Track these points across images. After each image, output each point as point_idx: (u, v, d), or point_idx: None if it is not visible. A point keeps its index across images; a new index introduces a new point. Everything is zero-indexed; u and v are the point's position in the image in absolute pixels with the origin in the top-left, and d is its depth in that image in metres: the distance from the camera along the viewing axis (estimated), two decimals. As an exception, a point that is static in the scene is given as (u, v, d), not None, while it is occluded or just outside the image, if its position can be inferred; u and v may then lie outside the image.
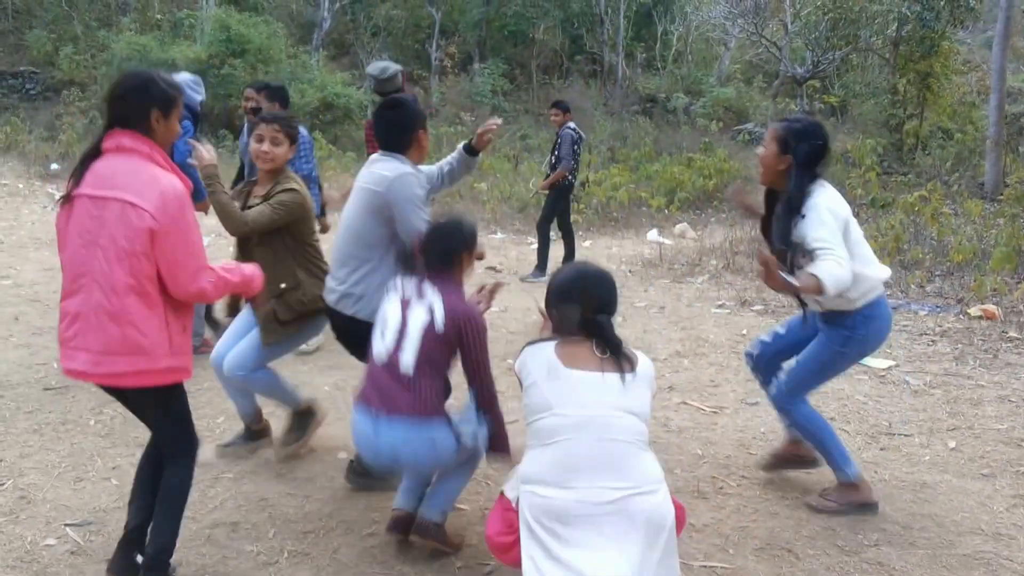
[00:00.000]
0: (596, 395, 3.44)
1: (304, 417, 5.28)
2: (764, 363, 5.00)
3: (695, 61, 30.77)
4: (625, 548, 3.26)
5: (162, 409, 3.71)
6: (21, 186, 17.04)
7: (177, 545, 4.02)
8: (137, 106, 3.52)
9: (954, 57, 22.26)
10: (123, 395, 3.69)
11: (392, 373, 3.89)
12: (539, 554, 3.32)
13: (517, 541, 3.40)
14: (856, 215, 12.57)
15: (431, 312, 3.92)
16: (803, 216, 4.28)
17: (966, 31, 25.70)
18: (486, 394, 4.05)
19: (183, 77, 7.37)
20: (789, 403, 4.73)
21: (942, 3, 19.93)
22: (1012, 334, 8.11)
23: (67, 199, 3.51)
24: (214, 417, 5.90)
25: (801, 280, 4.06)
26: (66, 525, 4.41)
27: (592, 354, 3.52)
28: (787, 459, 5.10)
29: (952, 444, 5.69)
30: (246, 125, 7.80)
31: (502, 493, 3.60)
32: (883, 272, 4.56)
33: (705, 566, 4.12)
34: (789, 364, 4.84)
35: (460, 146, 5.09)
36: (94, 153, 3.55)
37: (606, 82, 28.37)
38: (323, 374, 6.79)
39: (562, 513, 3.32)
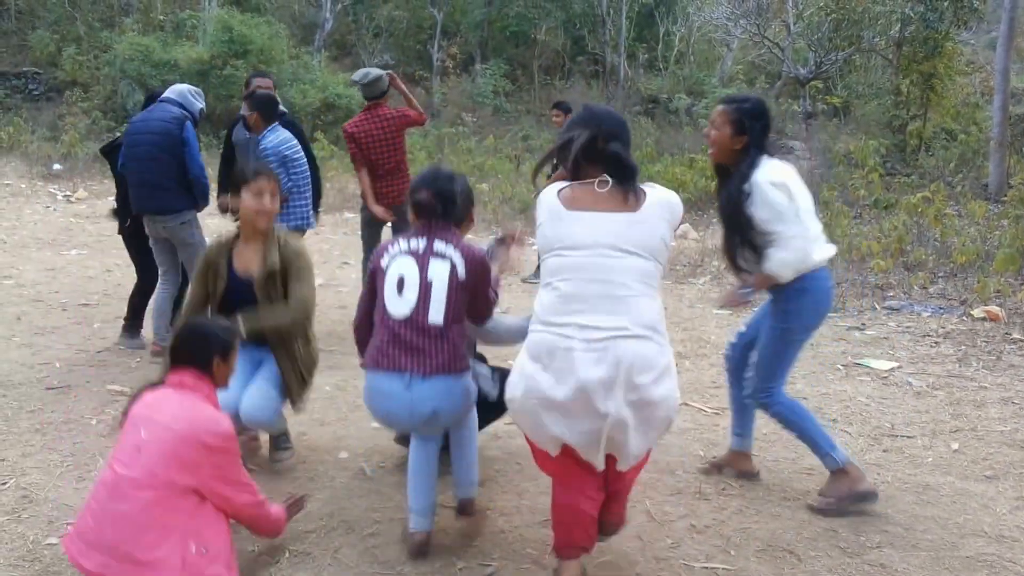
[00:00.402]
0: (594, 235, 3.48)
1: (286, 432, 5.25)
2: (735, 363, 5.11)
3: (697, 62, 30.74)
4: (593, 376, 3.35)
5: None
6: (24, 186, 17.07)
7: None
8: (204, 352, 3.83)
9: (958, 58, 22.21)
10: None
11: (419, 329, 3.96)
12: (515, 376, 3.57)
13: None
14: (859, 216, 12.56)
15: (452, 265, 4.02)
16: (748, 195, 4.47)
17: (970, 32, 25.65)
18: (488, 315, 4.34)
19: (184, 88, 7.38)
20: (767, 397, 4.77)
21: (946, 4, 19.89)
22: (1016, 336, 8.11)
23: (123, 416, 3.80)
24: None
25: (756, 283, 4.64)
26: (68, 524, 4.40)
27: (594, 194, 3.56)
28: (725, 468, 5.19)
29: (955, 446, 5.68)
30: (241, 121, 7.78)
31: None
32: (821, 252, 4.62)
33: (707, 567, 4.11)
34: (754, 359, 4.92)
35: None
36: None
37: (608, 83, 28.35)
38: (322, 375, 6.77)
39: (549, 347, 3.44)
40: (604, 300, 3.41)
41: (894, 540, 4.40)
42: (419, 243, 4.06)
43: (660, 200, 3.60)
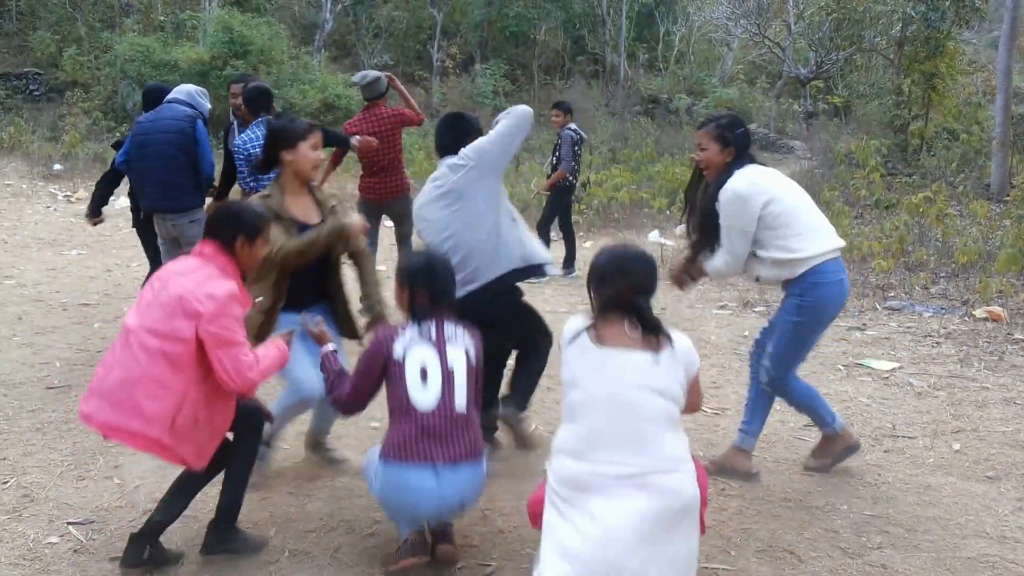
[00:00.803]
0: (622, 373, 3.52)
1: None
2: (757, 357, 5.25)
3: (697, 62, 30.77)
4: (633, 511, 3.34)
5: None
6: (24, 186, 17.08)
7: (179, 544, 4.17)
8: (227, 231, 3.99)
9: (959, 57, 22.18)
10: None
11: (447, 418, 3.90)
12: (553, 516, 3.47)
13: None
14: (860, 216, 12.54)
15: (466, 349, 4.02)
16: (717, 200, 4.81)
17: (971, 31, 25.67)
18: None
19: (191, 88, 7.36)
20: (782, 384, 5.05)
21: (947, 3, 19.86)
22: (1018, 336, 8.11)
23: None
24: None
25: (696, 275, 5.23)
26: (68, 523, 4.42)
27: (624, 333, 3.58)
28: (726, 467, 5.23)
29: (956, 446, 5.68)
30: (235, 123, 7.77)
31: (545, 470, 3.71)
32: (822, 246, 4.80)
33: (707, 567, 4.11)
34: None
35: None
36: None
37: (608, 83, 28.37)
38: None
39: (579, 483, 3.45)
40: (631, 438, 3.46)
41: (895, 541, 4.40)
42: (429, 328, 3.99)
43: (683, 349, 3.67)
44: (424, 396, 3.87)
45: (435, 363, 3.92)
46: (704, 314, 9.06)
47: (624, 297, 3.63)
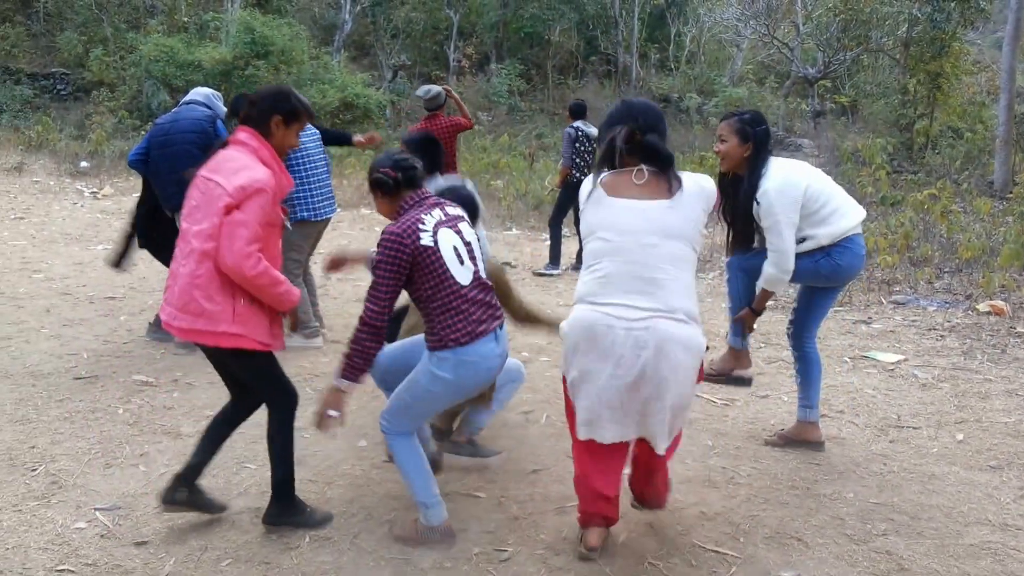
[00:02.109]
0: (634, 221, 3.68)
1: None
2: (795, 335, 5.47)
3: (708, 62, 30.73)
4: (629, 358, 3.60)
5: (243, 369, 4.15)
6: (52, 183, 17.13)
7: (203, 531, 4.22)
8: (263, 109, 4.05)
9: (964, 58, 22.11)
10: (214, 355, 4.16)
11: (483, 287, 4.05)
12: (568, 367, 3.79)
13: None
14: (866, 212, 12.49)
15: (466, 220, 4.17)
16: (759, 203, 4.81)
17: (976, 32, 25.61)
18: None
19: (207, 91, 7.37)
20: (805, 341, 5.36)
21: (952, 4, 19.82)
22: (1020, 329, 8.08)
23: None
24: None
25: (759, 298, 5.04)
26: (96, 509, 4.44)
27: (632, 182, 3.75)
28: (726, 373, 5.52)
29: (960, 437, 5.67)
30: None
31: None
32: (853, 220, 5.00)
33: (716, 552, 4.12)
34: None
35: None
36: (222, 144, 4.12)
37: (620, 82, 28.34)
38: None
39: (591, 324, 3.66)
40: (642, 283, 3.64)
41: (900, 528, 4.40)
42: (439, 212, 4.01)
43: (695, 187, 3.81)
44: (463, 273, 3.96)
45: (459, 242, 4.00)
46: (713, 307, 9.04)
47: (635, 138, 3.78)
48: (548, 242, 11.47)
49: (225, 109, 7.38)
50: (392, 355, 4.47)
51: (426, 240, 3.86)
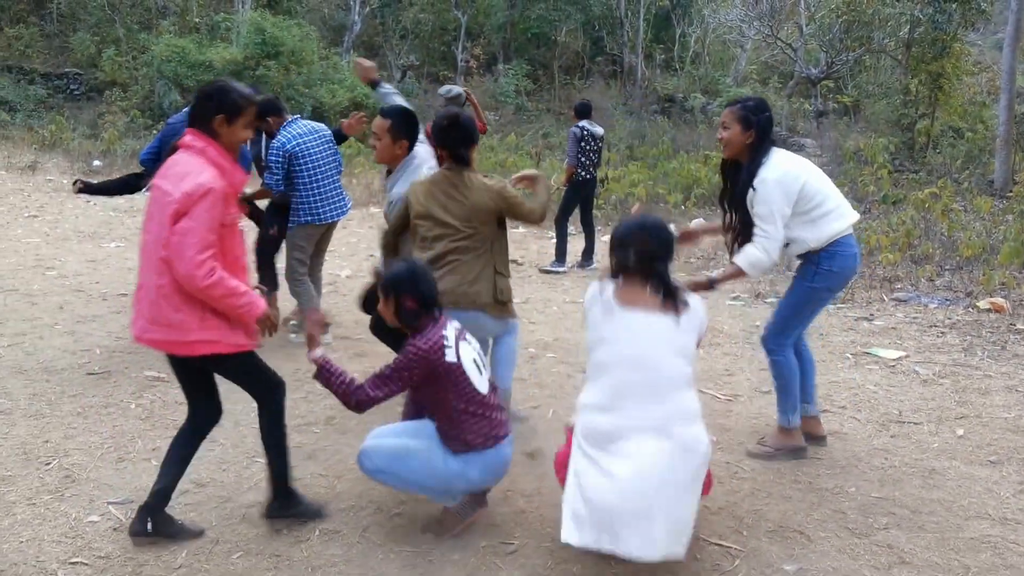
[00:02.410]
0: (647, 334, 3.74)
1: None
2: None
3: (712, 62, 30.69)
4: (658, 456, 3.58)
5: (225, 372, 4.08)
6: (65, 181, 17.12)
7: (213, 523, 4.23)
8: (204, 110, 3.88)
9: (965, 58, 22.08)
10: (170, 359, 4.04)
11: (495, 391, 4.18)
12: (581, 463, 3.70)
13: None
14: (868, 211, 12.49)
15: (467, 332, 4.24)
16: (755, 189, 4.82)
17: (977, 33, 25.55)
18: None
19: None
20: (775, 344, 5.13)
21: (954, 6, 19.78)
22: (1020, 326, 8.07)
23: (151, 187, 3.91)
24: (249, 401, 5.90)
25: (725, 272, 5.04)
26: (108, 503, 4.45)
27: (647, 296, 3.79)
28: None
29: (960, 432, 5.66)
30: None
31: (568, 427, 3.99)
32: (843, 223, 4.94)
33: (720, 545, 4.12)
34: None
35: None
36: (173, 149, 3.95)
37: (626, 82, 28.34)
38: (352, 361, 6.83)
39: (607, 433, 3.68)
40: (654, 393, 3.68)
41: (901, 522, 4.40)
42: (452, 328, 4.06)
43: (697, 313, 3.89)
44: (481, 382, 4.04)
45: (474, 352, 4.10)
46: (717, 304, 9.04)
47: (643, 263, 3.82)
48: (554, 240, 11.48)
49: None
50: (393, 454, 4.19)
51: (450, 356, 3.94)
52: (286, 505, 4.25)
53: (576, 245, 11.75)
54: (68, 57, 24.60)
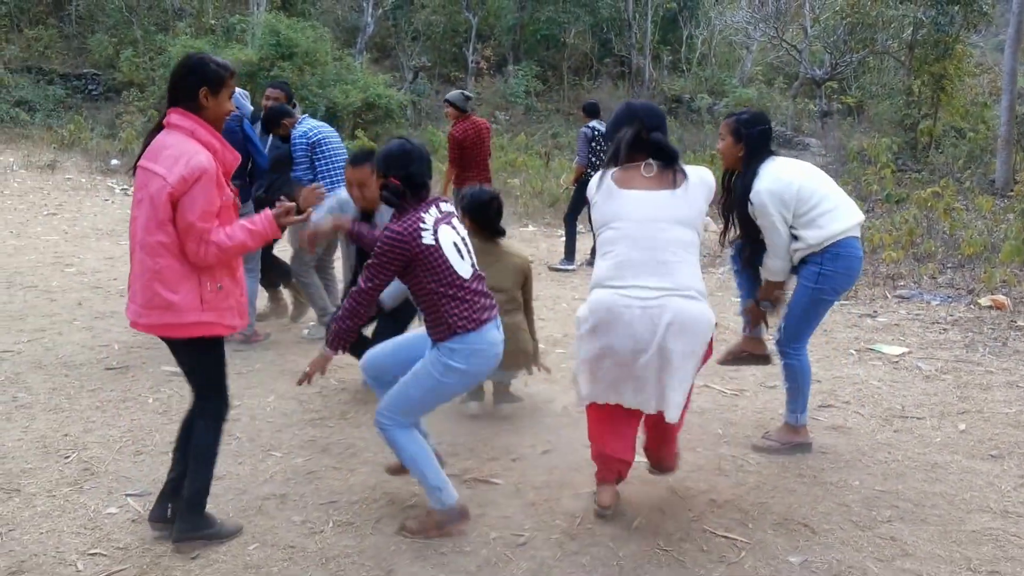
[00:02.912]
0: (644, 210, 3.92)
1: None
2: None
3: (718, 63, 30.59)
4: (651, 329, 3.80)
5: (194, 359, 3.90)
6: (84, 180, 17.17)
7: (230, 514, 4.21)
8: (187, 85, 3.72)
9: (967, 60, 21.97)
10: (167, 343, 3.89)
11: (480, 279, 4.10)
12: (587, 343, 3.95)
13: None
14: (871, 210, 12.46)
15: (456, 216, 4.18)
16: (752, 203, 4.82)
17: (979, 35, 25.43)
18: None
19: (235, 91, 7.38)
20: (791, 349, 5.10)
21: (956, 8, 19.71)
22: (1020, 323, 8.05)
23: (134, 169, 3.76)
24: (264, 396, 5.94)
25: (761, 291, 5.10)
26: (127, 495, 4.47)
27: (641, 176, 3.98)
28: (740, 355, 5.50)
29: (962, 427, 5.65)
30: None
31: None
32: (845, 223, 4.87)
33: (726, 537, 4.12)
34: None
35: None
36: (157, 128, 3.80)
37: (633, 83, 28.25)
38: (353, 365, 6.83)
39: (609, 307, 3.87)
40: (654, 265, 3.84)
41: (904, 515, 4.40)
42: (435, 211, 4.00)
43: (698, 179, 4.03)
44: (463, 266, 4.00)
45: (457, 238, 4.04)
46: (723, 301, 9.03)
47: (641, 136, 4.00)
48: (563, 238, 11.47)
49: (251, 108, 7.39)
50: (386, 352, 4.42)
51: (427, 239, 3.87)
52: (197, 526, 3.94)
53: (585, 243, 11.74)
54: (86, 58, 24.60)
